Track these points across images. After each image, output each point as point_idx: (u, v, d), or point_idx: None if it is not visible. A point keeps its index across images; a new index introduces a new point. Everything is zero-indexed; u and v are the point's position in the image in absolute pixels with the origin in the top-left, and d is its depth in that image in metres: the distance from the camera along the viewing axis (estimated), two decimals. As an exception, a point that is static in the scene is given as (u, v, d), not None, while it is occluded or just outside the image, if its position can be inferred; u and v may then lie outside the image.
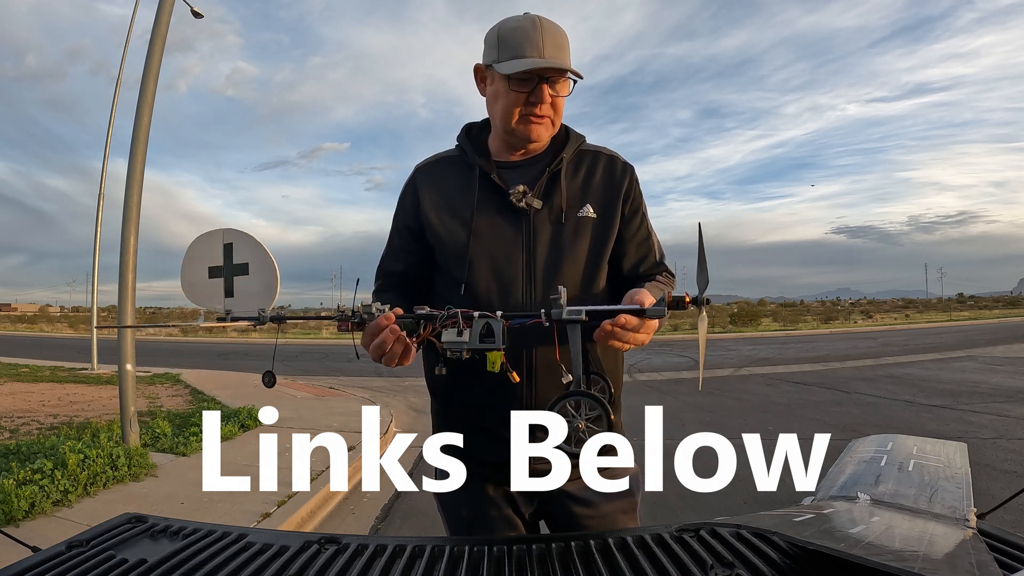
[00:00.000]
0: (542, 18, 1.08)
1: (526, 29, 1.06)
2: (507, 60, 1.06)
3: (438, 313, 0.92)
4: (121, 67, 10.85)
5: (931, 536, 0.64)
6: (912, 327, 30.94)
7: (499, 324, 0.88)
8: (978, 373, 10.10)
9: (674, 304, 0.86)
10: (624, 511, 1.17)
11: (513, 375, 0.93)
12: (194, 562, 0.69)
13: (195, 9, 7.88)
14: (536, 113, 1.08)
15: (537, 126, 1.10)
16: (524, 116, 1.09)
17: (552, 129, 1.13)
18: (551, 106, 1.09)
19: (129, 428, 4.80)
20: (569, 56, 1.08)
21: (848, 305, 74.76)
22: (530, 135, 1.11)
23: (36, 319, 59.19)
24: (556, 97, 1.09)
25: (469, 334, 0.88)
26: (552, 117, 1.11)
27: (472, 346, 0.88)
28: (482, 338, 0.88)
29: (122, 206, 4.89)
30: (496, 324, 0.88)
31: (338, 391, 9.05)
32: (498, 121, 1.14)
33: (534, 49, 1.05)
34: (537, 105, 1.07)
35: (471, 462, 1.14)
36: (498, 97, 1.11)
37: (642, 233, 1.20)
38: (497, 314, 0.89)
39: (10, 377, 10.87)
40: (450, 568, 0.68)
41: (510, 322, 0.90)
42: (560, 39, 1.07)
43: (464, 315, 0.89)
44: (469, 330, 0.88)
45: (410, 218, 1.20)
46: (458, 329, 0.88)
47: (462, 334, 0.88)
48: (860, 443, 1.04)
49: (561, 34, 1.08)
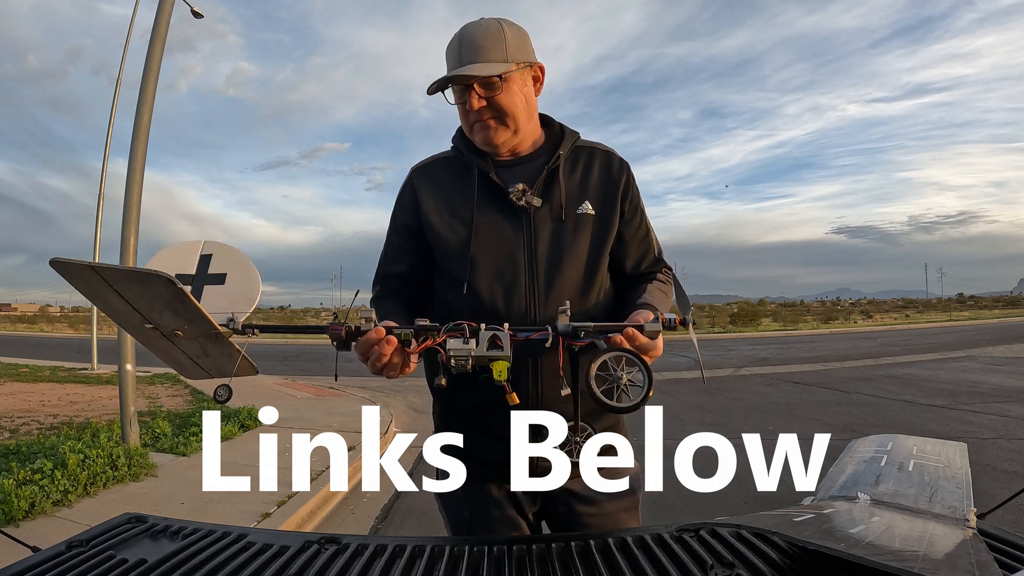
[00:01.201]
0: (469, 24, 1.09)
1: (452, 43, 1.09)
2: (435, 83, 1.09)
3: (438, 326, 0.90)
4: (121, 67, 10.86)
5: (931, 536, 0.64)
6: (912, 327, 30.94)
7: (506, 335, 0.87)
8: (978, 373, 10.09)
9: (668, 324, 0.94)
10: (627, 509, 1.17)
11: (513, 397, 0.91)
12: (194, 562, 0.69)
13: (195, 9, 7.87)
14: (479, 119, 1.10)
15: (486, 131, 1.11)
16: (473, 124, 1.12)
17: (506, 128, 1.11)
18: (490, 107, 1.08)
19: (129, 428, 4.80)
20: (497, 51, 1.06)
21: (848, 305, 74.75)
22: (484, 140, 1.12)
23: (36, 319, 59.19)
24: (493, 97, 1.07)
25: (475, 343, 0.87)
26: (499, 118, 1.10)
27: (479, 354, 0.86)
28: (489, 347, 0.87)
29: (122, 206, 4.90)
30: (503, 336, 0.87)
31: (338, 391, 9.05)
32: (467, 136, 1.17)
33: (452, 62, 1.08)
34: (474, 111, 1.08)
35: (473, 462, 1.14)
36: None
37: (641, 231, 1.21)
38: (505, 326, 0.89)
39: (10, 377, 10.86)
40: (450, 568, 0.68)
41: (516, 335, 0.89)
42: (482, 41, 1.06)
43: (470, 327, 0.88)
44: (474, 340, 0.87)
45: (409, 217, 1.19)
46: (464, 339, 0.87)
47: (468, 342, 0.87)
48: (860, 443, 1.04)
49: (486, 35, 1.07)
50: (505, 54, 1.07)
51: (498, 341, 0.87)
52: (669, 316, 0.94)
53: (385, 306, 1.16)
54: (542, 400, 1.08)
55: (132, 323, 0.91)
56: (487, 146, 1.14)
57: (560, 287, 1.09)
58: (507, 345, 0.87)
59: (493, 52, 1.07)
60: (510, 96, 1.09)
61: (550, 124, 1.22)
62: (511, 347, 0.87)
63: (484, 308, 1.08)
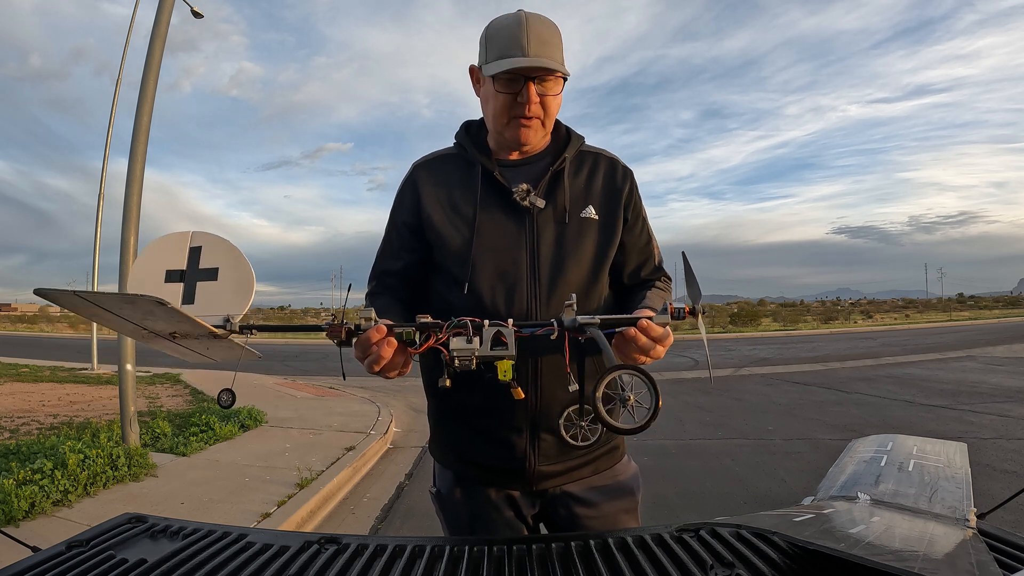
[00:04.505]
0: (531, 14, 1.05)
1: (511, 27, 1.04)
2: (493, 60, 1.04)
3: (441, 322, 0.88)
4: (121, 67, 10.85)
5: (931, 536, 0.64)
6: (912, 327, 30.94)
7: (511, 332, 0.85)
8: (978, 373, 10.09)
9: (677, 314, 0.91)
10: (626, 511, 1.16)
11: (518, 391, 0.90)
12: (194, 562, 0.69)
13: (195, 9, 7.87)
14: (524, 115, 1.06)
15: (526, 129, 1.08)
16: (513, 119, 1.07)
17: (542, 130, 1.11)
18: (540, 106, 1.06)
19: (129, 428, 4.80)
20: (560, 53, 1.06)
21: (848, 305, 74.76)
22: (519, 138, 1.09)
23: (36, 319, 59.15)
24: (545, 96, 1.06)
25: (479, 341, 0.85)
26: (542, 118, 1.08)
27: (483, 353, 0.84)
28: (493, 346, 0.85)
29: (122, 206, 4.90)
30: (508, 332, 0.85)
31: (338, 391, 9.06)
32: (490, 123, 1.14)
33: (518, 48, 1.02)
34: (525, 106, 1.05)
35: (471, 465, 1.14)
36: (488, 99, 1.10)
37: (643, 239, 1.20)
38: (509, 322, 0.87)
39: (10, 377, 10.86)
40: (450, 568, 0.68)
41: (521, 330, 0.88)
42: (548, 35, 1.04)
43: (474, 324, 0.86)
44: (478, 338, 0.85)
45: (410, 215, 1.17)
46: (467, 337, 0.85)
47: (471, 341, 0.85)
48: (860, 443, 1.04)
49: (550, 30, 1.05)
50: (562, 57, 1.06)
51: (502, 338, 0.85)
52: (678, 305, 0.92)
53: (381, 303, 1.13)
54: (542, 399, 1.07)
55: (127, 330, 0.90)
56: (518, 143, 1.11)
57: (562, 289, 1.08)
58: (512, 343, 0.85)
59: (557, 52, 1.05)
60: (559, 99, 1.09)
61: (556, 127, 1.20)
62: (516, 344, 0.85)
63: (484, 308, 1.06)
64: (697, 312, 0.91)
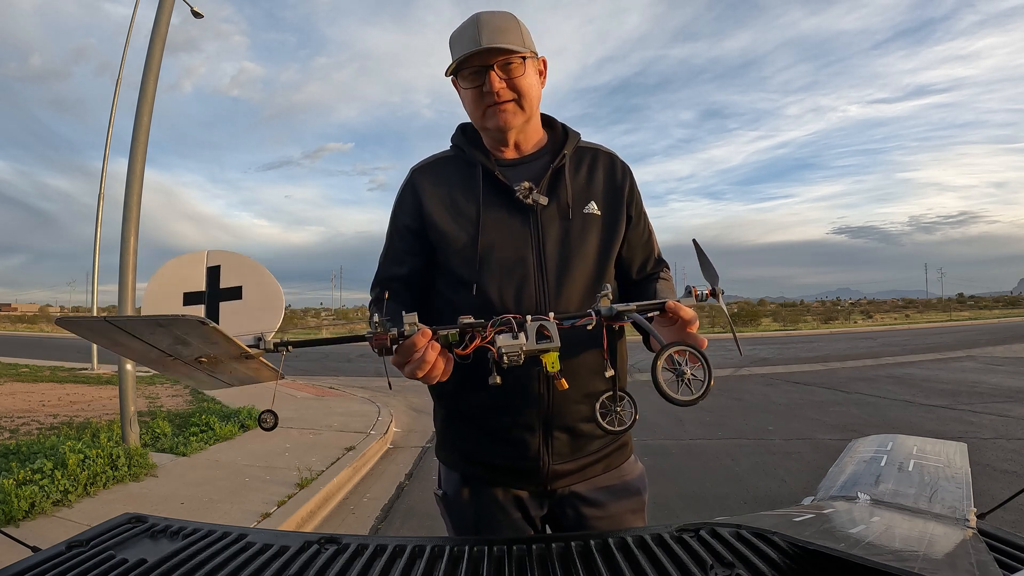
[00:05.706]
0: (484, 12, 1.07)
1: (467, 28, 1.06)
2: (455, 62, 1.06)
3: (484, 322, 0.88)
4: (121, 67, 10.86)
5: (931, 536, 0.64)
6: (912, 327, 30.93)
7: (553, 324, 0.86)
8: (978, 373, 10.09)
9: (700, 296, 0.96)
10: (633, 511, 1.16)
11: (562, 382, 0.90)
12: (194, 562, 0.69)
13: (195, 9, 7.87)
14: (494, 101, 1.07)
15: (503, 113, 1.08)
16: (488, 108, 1.08)
17: (522, 113, 1.11)
18: (510, 89, 1.07)
19: (129, 428, 4.81)
20: (516, 36, 1.06)
21: (848, 305, 74.74)
22: (499, 124, 1.09)
23: (36, 319, 59.17)
24: (512, 79, 1.07)
25: (524, 336, 0.85)
26: (517, 99, 1.08)
27: (530, 347, 0.85)
28: (538, 339, 0.86)
29: (122, 206, 4.90)
30: (550, 324, 0.86)
31: (338, 391, 9.06)
32: (474, 124, 1.15)
33: (472, 43, 1.04)
34: (492, 93, 1.06)
35: (479, 466, 1.13)
36: (464, 101, 1.12)
37: (645, 235, 1.22)
38: (550, 315, 0.88)
39: (10, 377, 10.87)
40: (450, 568, 0.68)
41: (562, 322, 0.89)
42: (501, 23, 1.06)
43: (516, 320, 0.86)
44: (523, 333, 0.86)
45: (411, 218, 1.16)
46: (513, 333, 0.86)
47: (516, 337, 0.85)
48: (860, 443, 1.04)
49: (504, 18, 1.07)
50: (522, 40, 1.07)
51: (546, 331, 0.86)
52: (701, 289, 0.96)
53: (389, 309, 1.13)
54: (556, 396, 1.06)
55: (149, 358, 0.84)
56: (501, 131, 1.11)
57: (570, 286, 1.08)
58: (555, 334, 0.86)
59: (513, 36, 1.06)
60: (528, 79, 1.09)
61: (552, 125, 1.21)
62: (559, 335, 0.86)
63: (493, 307, 1.06)
64: (718, 293, 0.95)
